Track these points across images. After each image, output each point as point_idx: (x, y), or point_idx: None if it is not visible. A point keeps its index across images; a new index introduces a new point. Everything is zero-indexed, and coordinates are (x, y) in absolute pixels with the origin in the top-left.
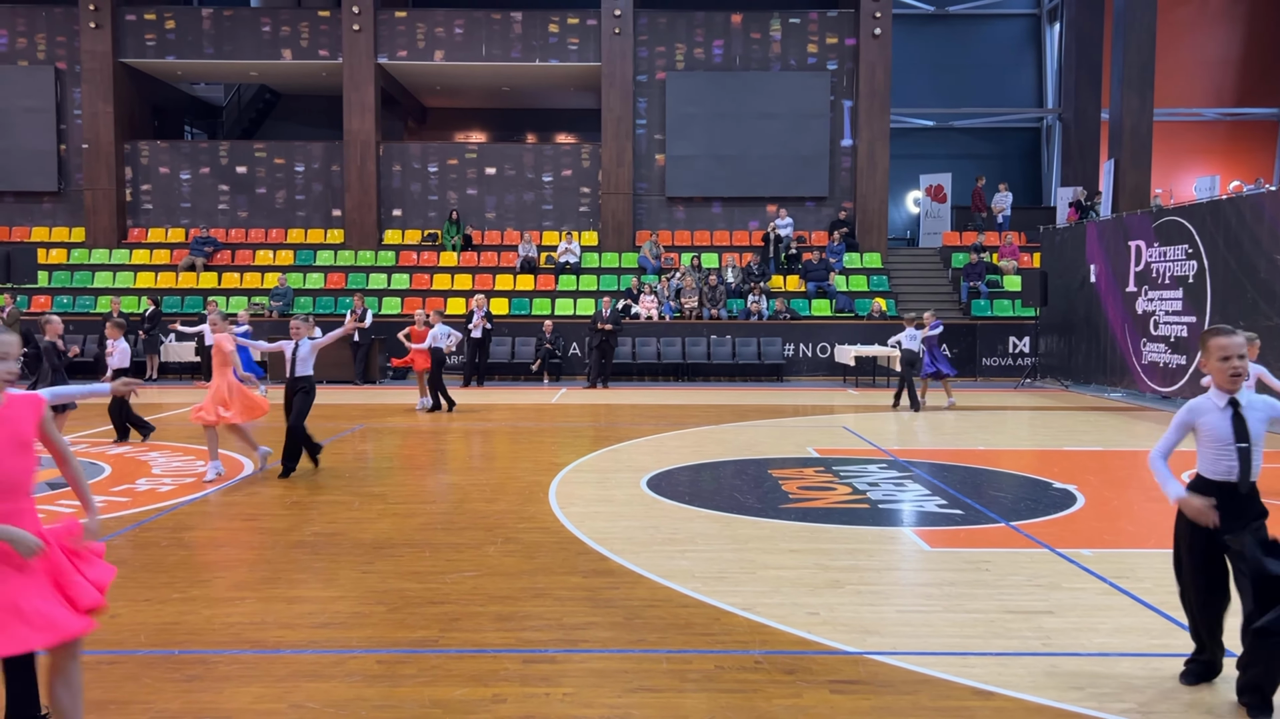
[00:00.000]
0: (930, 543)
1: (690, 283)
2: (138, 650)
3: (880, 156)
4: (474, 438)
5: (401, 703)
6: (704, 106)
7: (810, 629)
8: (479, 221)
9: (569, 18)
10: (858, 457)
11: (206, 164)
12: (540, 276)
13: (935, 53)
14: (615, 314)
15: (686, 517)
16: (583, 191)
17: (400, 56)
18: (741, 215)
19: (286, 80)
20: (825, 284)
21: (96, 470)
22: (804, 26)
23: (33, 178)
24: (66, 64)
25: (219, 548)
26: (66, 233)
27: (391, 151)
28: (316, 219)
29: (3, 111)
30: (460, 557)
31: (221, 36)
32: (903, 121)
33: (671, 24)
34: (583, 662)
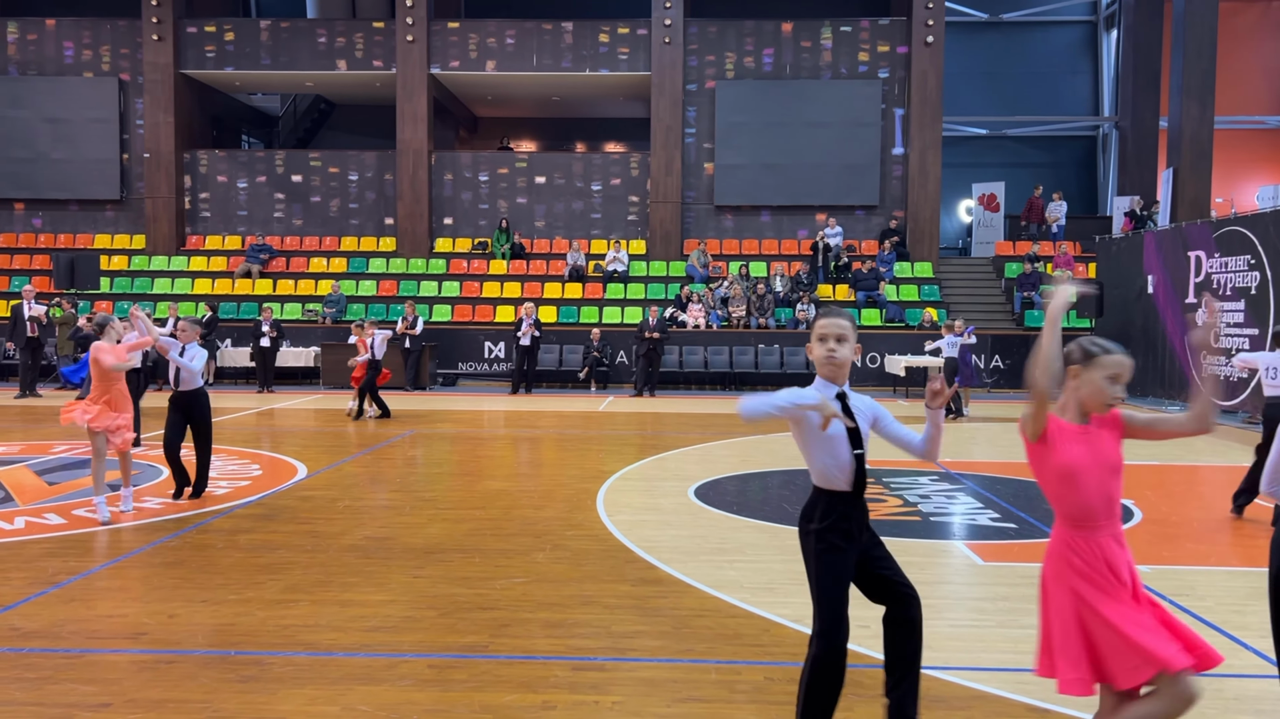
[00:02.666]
0: (983, 557)
1: (738, 291)
2: (195, 651)
3: (932, 165)
4: (522, 445)
5: (452, 707)
6: (753, 115)
7: (861, 643)
8: (528, 230)
9: (619, 27)
10: (908, 468)
11: (263, 173)
12: (588, 285)
13: (988, 60)
14: (662, 322)
15: (734, 526)
16: (631, 200)
17: (452, 67)
18: (790, 224)
19: (341, 90)
20: (875, 293)
21: (153, 473)
22: (855, 35)
23: (96, 186)
24: (130, 75)
25: (273, 550)
26: (128, 240)
27: (443, 160)
28: (369, 227)
29: (69, 122)
30: (509, 563)
31: (278, 48)
32: (955, 130)
33: (722, 33)
34: (631, 670)
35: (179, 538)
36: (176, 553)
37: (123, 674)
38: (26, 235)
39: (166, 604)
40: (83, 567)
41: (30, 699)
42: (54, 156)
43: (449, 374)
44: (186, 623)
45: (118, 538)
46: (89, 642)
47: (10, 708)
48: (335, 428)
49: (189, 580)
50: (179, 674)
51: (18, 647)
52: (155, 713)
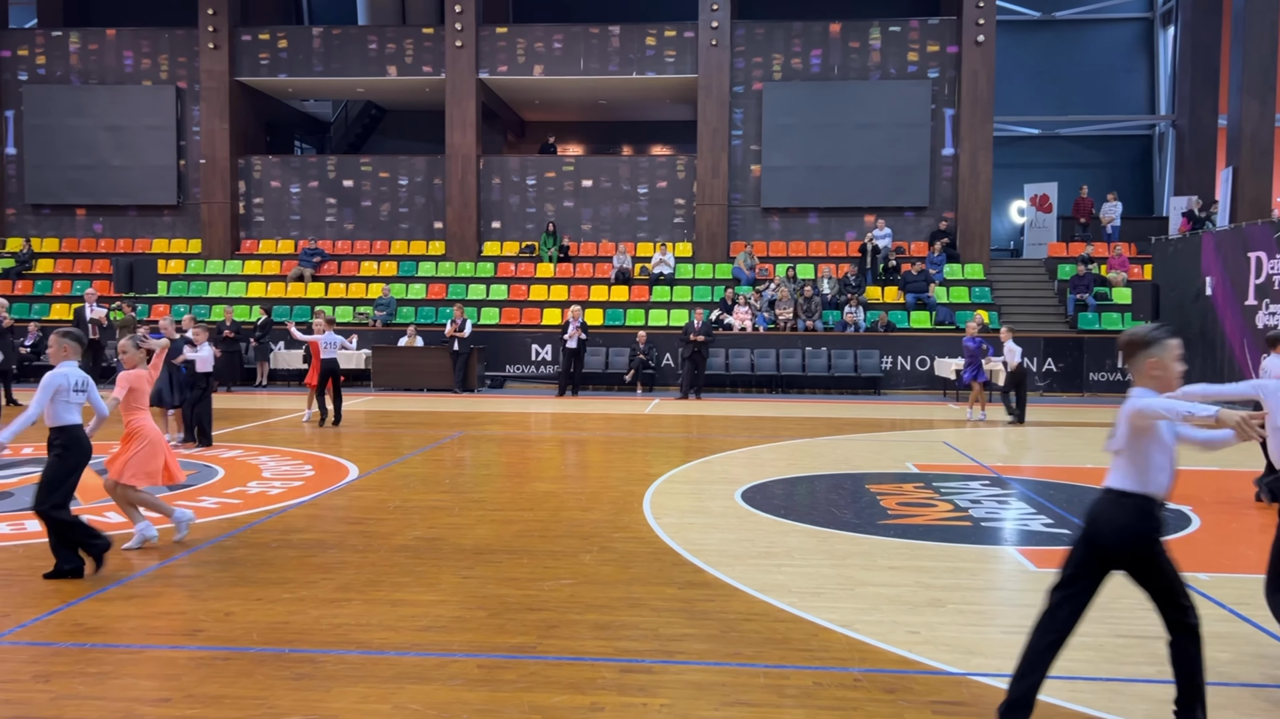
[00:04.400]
0: (1036, 563)
1: (785, 294)
2: (250, 648)
3: (983, 166)
4: (568, 447)
5: (502, 708)
6: (801, 117)
7: (911, 648)
8: (575, 233)
9: (666, 30)
10: (959, 473)
11: (315, 178)
12: (634, 287)
13: (1040, 59)
14: (707, 325)
15: (782, 530)
16: (677, 203)
17: (501, 71)
18: (838, 226)
19: (391, 96)
20: (925, 296)
21: (210, 473)
22: (904, 35)
23: (154, 192)
24: (186, 83)
25: (326, 550)
26: (185, 244)
27: (491, 165)
28: (419, 231)
29: (128, 129)
30: (557, 564)
31: (330, 54)
32: (1006, 130)
33: (769, 35)
34: (679, 673)
35: (234, 537)
36: (232, 551)
37: (181, 670)
38: (88, 240)
39: (223, 602)
40: (142, 564)
41: (93, 693)
42: (114, 163)
43: (496, 376)
44: (242, 620)
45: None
46: (148, 638)
47: (74, 701)
48: (385, 429)
49: (244, 579)
50: (235, 671)
51: (80, 642)
52: (213, 709)
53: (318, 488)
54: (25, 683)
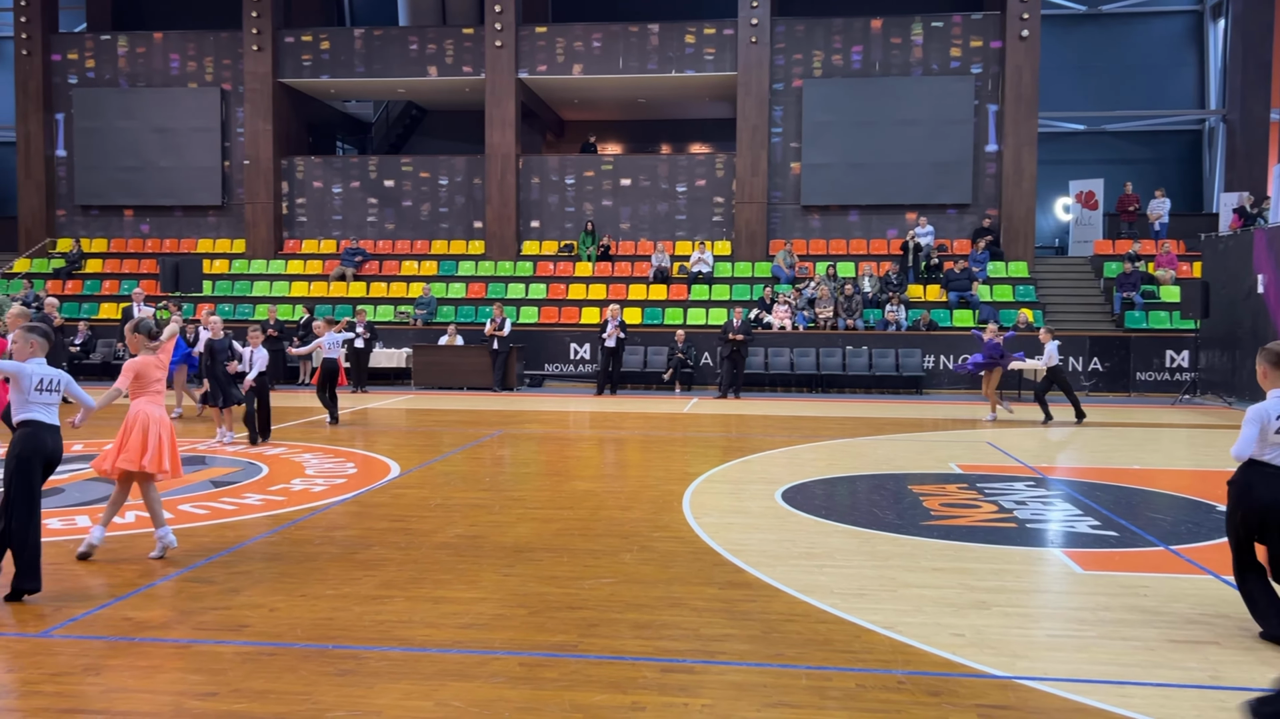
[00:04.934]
0: (1083, 565)
1: (825, 292)
2: (295, 644)
3: (1027, 162)
4: (607, 446)
5: (543, 706)
6: (841, 114)
7: (955, 651)
8: (614, 232)
9: (705, 28)
10: (1003, 473)
11: (356, 178)
12: (673, 286)
13: (1086, 54)
14: (746, 324)
15: (823, 531)
16: (716, 201)
17: (540, 71)
18: (879, 223)
19: (432, 96)
20: (968, 294)
21: (255, 470)
22: (947, 30)
23: (199, 193)
24: (231, 85)
25: (368, 547)
26: (229, 244)
27: (530, 164)
28: (459, 230)
29: (174, 131)
30: (597, 563)
31: (372, 55)
32: (1051, 125)
33: (809, 31)
34: (721, 673)
35: (279, 533)
36: (276, 548)
37: (227, 665)
38: (135, 240)
39: (267, 598)
40: (188, 560)
41: (143, 687)
42: (161, 165)
43: (535, 375)
44: (286, 616)
45: (220, 533)
46: (195, 633)
47: (124, 694)
48: (426, 427)
49: (288, 575)
50: (280, 666)
51: (129, 636)
52: (259, 703)
53: (360, 485)
54: (77, 676)
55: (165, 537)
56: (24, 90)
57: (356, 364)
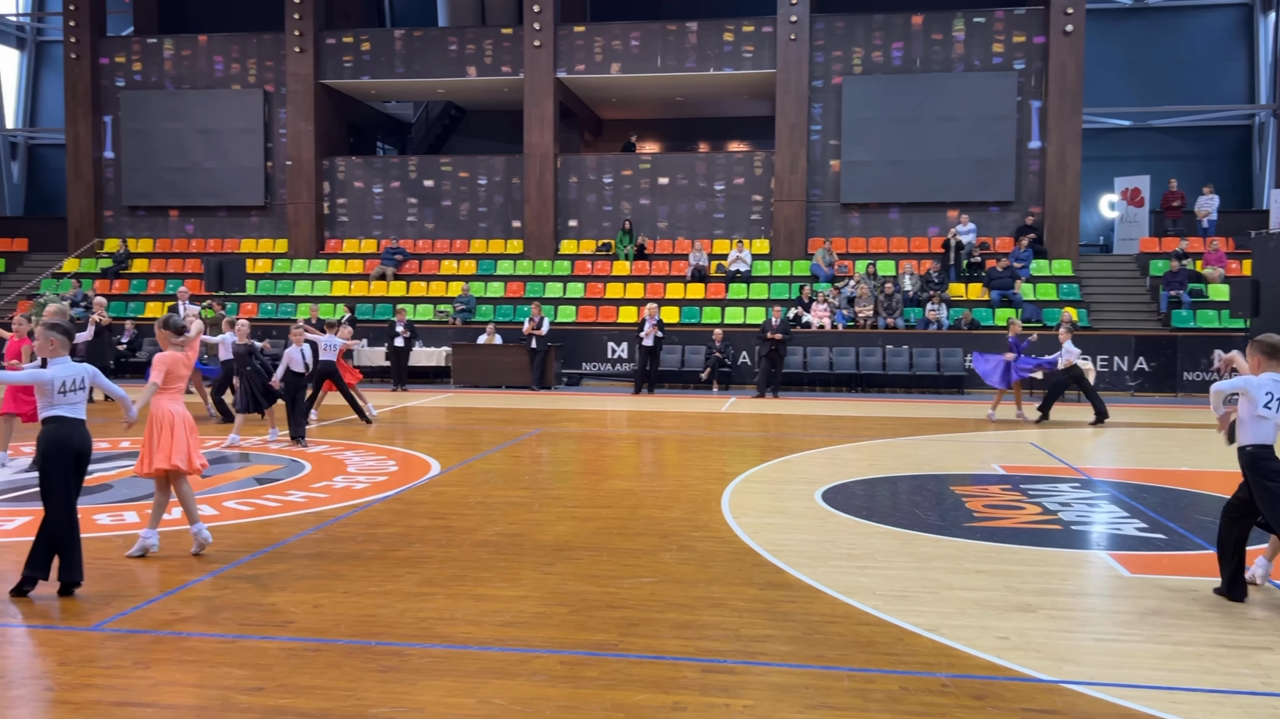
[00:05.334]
0: (1130, 568)
1: (865, 291)
2: (339, 640)
3: (1071, 159)
4: (645, 445)
5: (584, 704)
6: (882, 110)
7: (1000, 654)
8: (651, 231)
9: (744, 26)
10: (1047, 475)
11: (397, 178)
12: (711, 285)
13: (1132, 48)
14: (785, 323)
15: (864, 532)
16: (754, 199)
17: (578, 70)
18: (920, 221)
19: (471, 96)
20: (1010, 293)
21: (298, 467)
22: (989, 25)
23: (243, 193)
24: (274, 86)
25: (410, 544)
26: (271, 244)
27: (569, 163)
28: (497, 230)
29: (218, 132)
30: (637, 562)
31: (412, 56)
32: (1096, 122)
33: (849, 28)
34: (762, 674)
35: (322, 530)
36: (319, 545)
37: (273, 660)
38: (180, 240)
39: (311, 594)
40: (234, 556)
41: (191, 680)
42: (205, 165)
43: (573, 374)
44: (330, 613)
45: (264, 530)
46: (242, 628)
47: (174, 687)
48: (465, 425)
49: (331, 572)
50: (324, 662)
51: (177, 630)
52: (304, 698)
53: (401, 483)
54: (126, 669)
55: (200, 533)
56: (73, 93)
57: (396, 362)
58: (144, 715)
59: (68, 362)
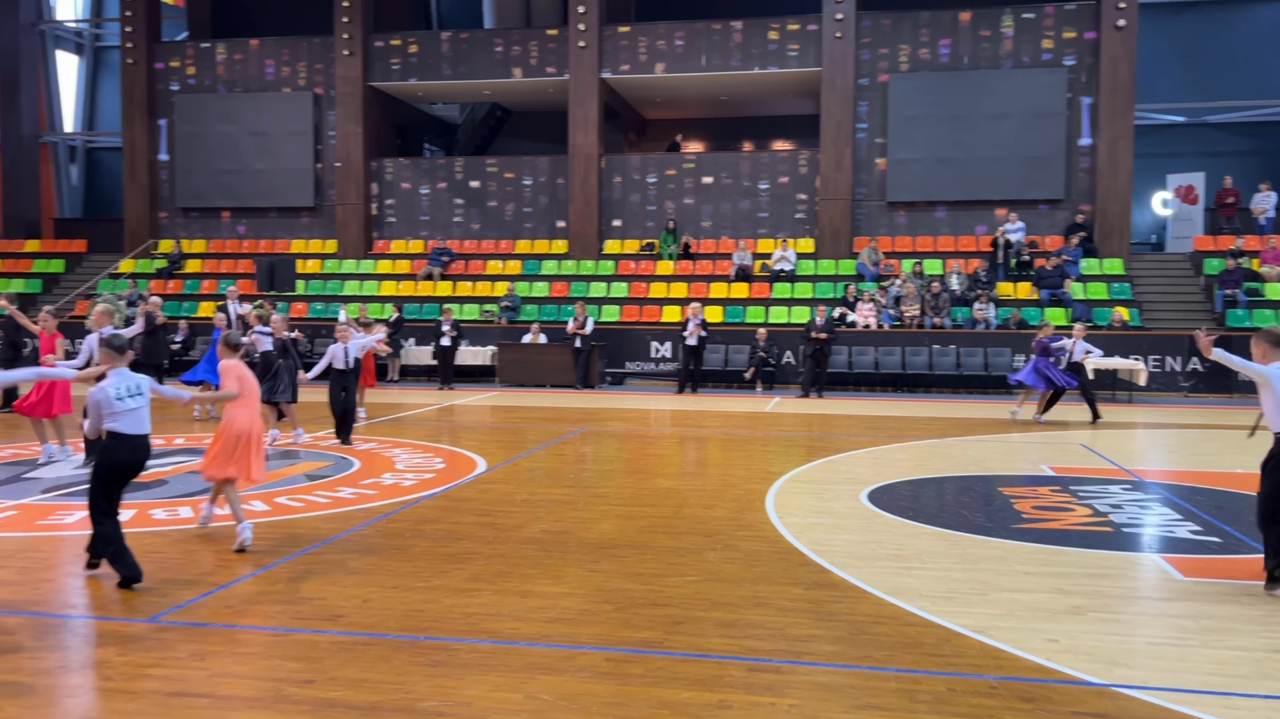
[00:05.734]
0: (1183, 571)
1: (911, 290)
2: (388, 634)
3: (1123, 156)
4: (689, 444)
5: (630, 701)
6: (929, 108)
7: (1050, 657)
8: (695, 230)
9: (789, 24)
10: (1098, 476)
11: (443, 179)
12: (755, 284)
13: (1186, 43)
14: (830, 322)
15: (911, 533)
16: (799, 198)
17: (623, 70)
18: (968, 219)
19: (516, 97)
20: (1060, 292)
21: (347, 464)
22: (1039, 21)
23: (293, 194)
24: (323, 89)
25: (457, 541)
26: (321, 244)
27: (613, 164)
28: (542, 230)
29: (269, 135)
30: (681, 561)
31: (458, 58)
32: (1148, 118)
33: (896, 25)
34: (807, 674)
35: (371, 526)
36: (368, 541)
37: (324, 653)
38: (232, 241)
39: (361, 589)
40: (285, 551)
41: (245, 672)
42: (256, 167)
43: (617, 373)
44: (380, 607)
45: (315, 526)
46: (293, 621)
47: (227, 679)
48: (511, 424)
49: (381, 567)
50: (374, 656)
51: (231, 623)
52: (354, 691)
53: (448, 480)
54: (183, 660)
55: (244, 532)
56: (130, 97)
57: (443, 361)
58: (199, 705)
59: (125, 372)
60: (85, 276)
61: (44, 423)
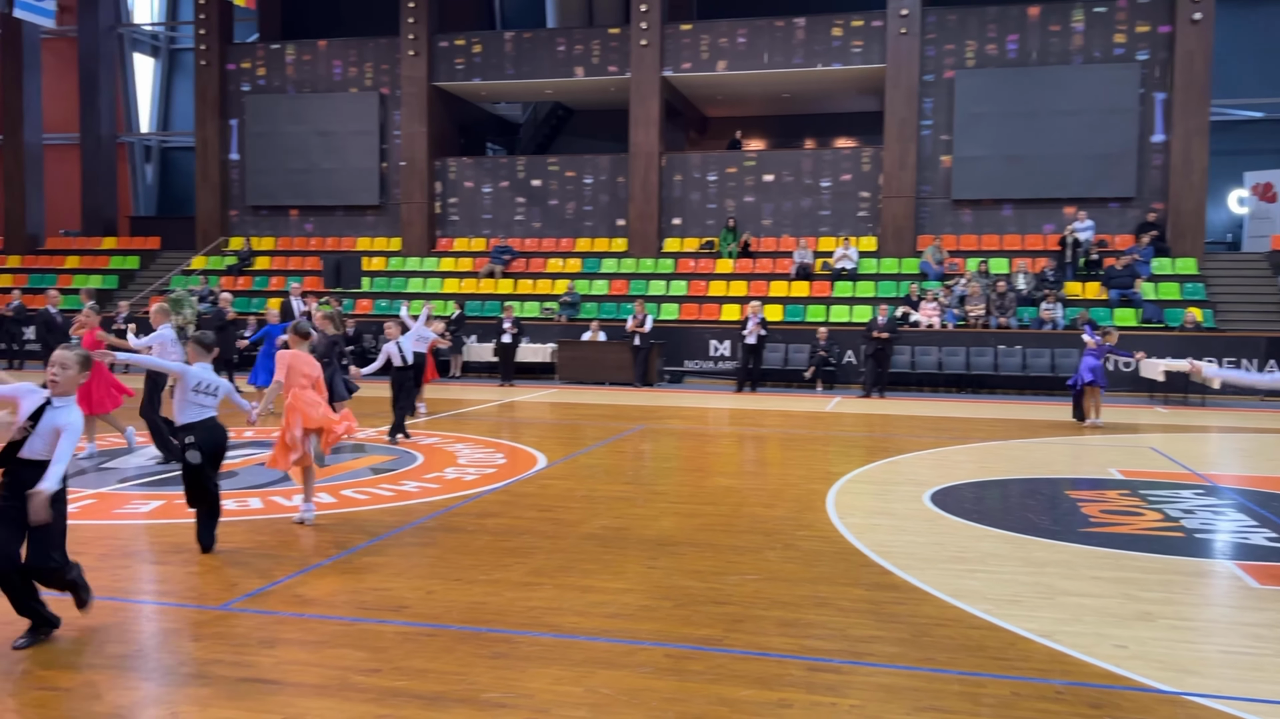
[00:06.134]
0: (1258, 579)
1: (976, 289)
2: (451, 625)
3: (1197, 153)
4: (748, 443)
5: (690, 698)
6: (995, 105)
7: (1118, 663)
8: (755, 228)
9: (853, 20)
10: (1168, 480)
11: (505, 178)
12: (815, 283)
13: (1265, 36)
14: (892, 322)
15: (974, 535)
16: (861, 196)
17: (685, 69)
18: (1035, 218)
19: (578, 96)
20: (1130, 292)
21: (411, 459)
22: (1110, 15)
23: (359, 193)
24: (389, 89)
25: (518, 535)
26: (386, 242)
27: (673, 162)
28: (602, 228)
29: (336, 134)
30: (741, 559)
31: (521, 57)
32: (1224, 114)
33: (962, 21)
34: (869, 675)
35: (434, 519)
36: (432, 534)
37: (389, 643)
38: (300, 239)
39: (425, 581)
40: (351, 542)
41: (312, 660)
42: (323, 166)
43: (675, 372)
44: (443, 599)
45: (380, 518)
46: (359, 611)
47: (295, 667)
48: (570, 421)
49: (443, 560)
50: (437, 647)
51: (299, 612)
52: (418, 681)
53: (509, 475)
54: (253, 648)
55: (307, 512)
56: (203, 98)
57: (504, 358)
58: (268, 692)
59: (209, 368)
60: (159, 273)
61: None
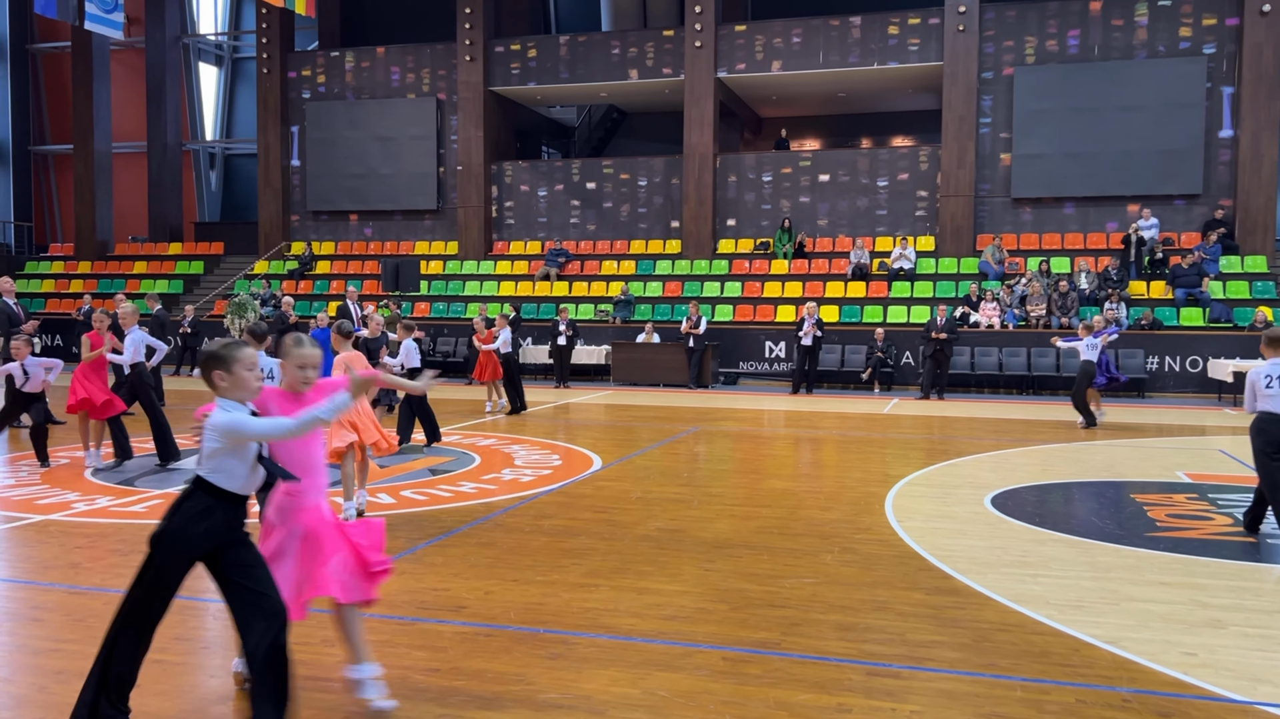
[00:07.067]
0: None
1: (1037, 289)
2: (508, 626)
3: (1268, 148)
4: (803, 445)
5: (747, 701)
6: (1056, 101)
7: (1187, 671)
8: (811, 229)
9: (910, 18)
10: (1238, 484)
11: (560, 181)
12: (872, 283)
13: None
14: (951, 322)
15: (1037, 539)
16: (919, 195)
17: (739, 70)
18: (1098, 216)
19: (632, 99)
20: (1197, 291)
21: (468, 460)
22: (1175, 9)
23: (417, 197)
24: (446, 95)
25: (574, 536)
26: (443, 246)
27: (728, 163)
28: (656, 230)
29: (394, 140)
30: (798, 562)
31: (576, 61)
32: None
33: (1021, 16)
34: (929, 680)
35: (491, 520)
36: (489, 534)
37: (448, 643)
38: (359, 243)
39: (483, 581)
40: (410, 543)
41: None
42: (382, 171)
43: (730, 373)
44: (500, 599)
45: (438, 519)
46: (418, 611)
47: None
48: (625, 422)
49: (501, 560)
50: (495, 647)
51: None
52: (476, 681)
53: (565, 477)
54: (315, 646)
55: (351, 507)
56: (264, 105)
57: (559, 360)
58: (332, 689)
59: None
60: (223, 277)
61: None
